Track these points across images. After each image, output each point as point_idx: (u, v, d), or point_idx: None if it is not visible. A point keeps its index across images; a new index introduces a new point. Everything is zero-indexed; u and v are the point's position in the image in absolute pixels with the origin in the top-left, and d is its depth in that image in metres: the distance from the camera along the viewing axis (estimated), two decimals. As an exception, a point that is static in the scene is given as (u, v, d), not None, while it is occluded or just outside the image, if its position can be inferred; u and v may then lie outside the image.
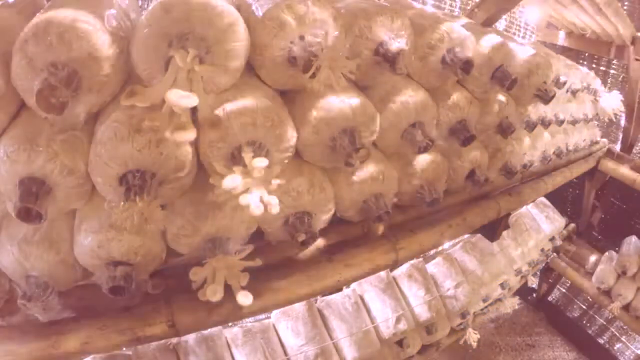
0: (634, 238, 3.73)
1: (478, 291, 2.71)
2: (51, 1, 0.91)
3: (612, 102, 2.88)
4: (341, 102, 1.05)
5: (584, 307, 4.95)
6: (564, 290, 5.11)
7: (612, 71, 4.01)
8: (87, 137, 0.91)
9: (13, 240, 0.93)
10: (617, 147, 3.77)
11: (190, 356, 1.79)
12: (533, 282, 3.63)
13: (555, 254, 4.08)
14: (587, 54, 4.01)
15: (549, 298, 5.24)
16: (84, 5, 0.85)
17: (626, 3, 3.42)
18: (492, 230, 2.13)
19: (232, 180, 0.82)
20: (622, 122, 3.77)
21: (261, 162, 0.84)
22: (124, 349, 1.70)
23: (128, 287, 0.93)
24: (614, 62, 3.92)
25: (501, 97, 1.58)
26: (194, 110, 0.81)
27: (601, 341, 4.83)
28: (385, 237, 1.43)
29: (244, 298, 1.02)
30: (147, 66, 0.85)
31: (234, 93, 0.94)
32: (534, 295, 5.23)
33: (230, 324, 2.04)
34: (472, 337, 2.79)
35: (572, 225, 4.32)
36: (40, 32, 0.78)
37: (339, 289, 2.40)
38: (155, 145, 0.85)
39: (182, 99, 0.74)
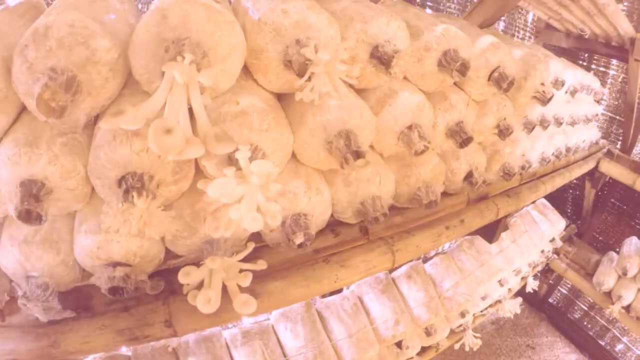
0: (634, 239, 3.72)
1: (476, 289, 2.71)
2: (51, 6, 0.93)
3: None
4: (337, 105, 1.05)
5: (585, 308, 4.93)
6: (564, 292, 5.10)
7: (612, 71, 4.00)
8: (86, 140, 0.93)
9: (14, 241, 0.94)
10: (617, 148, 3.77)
11: (190, 357, 1.80)
12: (533, 284, 3.62)
13: (555, 255, 4.08)
14: (587, 54, 4.01)
15: (550, 299, 5.23)
16: (84, 10, 0.86)
17: (626, 3, 3.42)
18: (491, 232, 2.12)
19: (222, 186, 0.75)
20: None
21: (263, 166, 0.77)
22: (124, 349, 1.71)
23: (127, 287, 0.95)
24: (614, 62, 3.91)
25: (499, 99, 1.59)
26: (192, 115, 0.81)
27: (602, 342, 4.81)
28: (382, 239, 1.43)
29: (244, 307, 0.96)
30: (145, 71, 0.86)
31: (230, 96, 0.96)
32: (535, 297, 5.21)
33: (229, 325, 2.05)
34: (472, 340, 2.78)
35: (572, 226, 4.32)
36: (40, 37, 0.80)
37: (336, 291, 2.40)
38: (153, 148, 0.86)
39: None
